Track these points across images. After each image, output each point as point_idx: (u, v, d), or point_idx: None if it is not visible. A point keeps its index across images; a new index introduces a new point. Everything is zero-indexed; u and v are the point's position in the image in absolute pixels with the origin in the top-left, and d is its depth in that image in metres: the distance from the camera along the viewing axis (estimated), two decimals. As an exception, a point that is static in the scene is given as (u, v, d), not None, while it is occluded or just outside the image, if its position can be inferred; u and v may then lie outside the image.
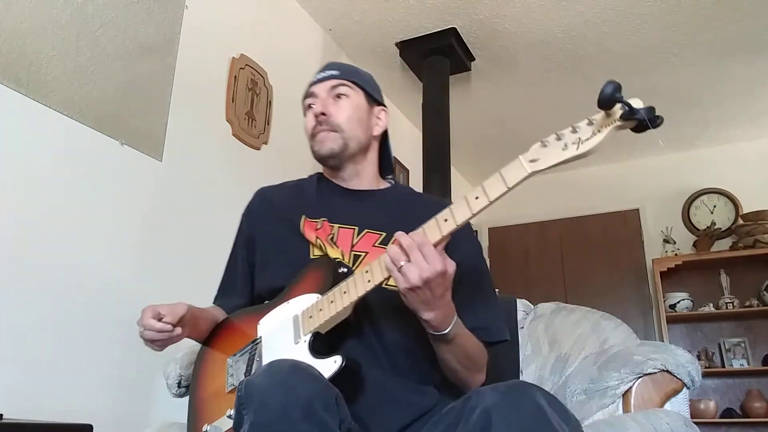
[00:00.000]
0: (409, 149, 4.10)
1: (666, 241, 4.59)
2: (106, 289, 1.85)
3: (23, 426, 1.27)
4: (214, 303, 1.30)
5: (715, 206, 4.60)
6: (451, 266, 0.92)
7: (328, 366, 0.93)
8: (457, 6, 3.15)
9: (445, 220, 0.91)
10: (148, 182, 2.07)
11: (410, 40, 3.43)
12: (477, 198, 0.89)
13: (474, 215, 0.89)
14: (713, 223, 4.50)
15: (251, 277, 1.26)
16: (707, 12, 3.14)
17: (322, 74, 1.25)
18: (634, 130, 0.80)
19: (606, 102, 0.78)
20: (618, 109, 0.78)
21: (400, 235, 0.92)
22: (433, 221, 0.93)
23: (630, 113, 0.77)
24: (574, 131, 0.83)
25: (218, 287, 1.32)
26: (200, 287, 1.36)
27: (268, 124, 2.77)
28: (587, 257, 4.92)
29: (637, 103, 0.78)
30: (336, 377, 0.91)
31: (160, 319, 1.05)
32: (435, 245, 0.91)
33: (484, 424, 0.76)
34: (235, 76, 2.58)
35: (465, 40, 3.42)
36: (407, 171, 4.13)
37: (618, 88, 0.77)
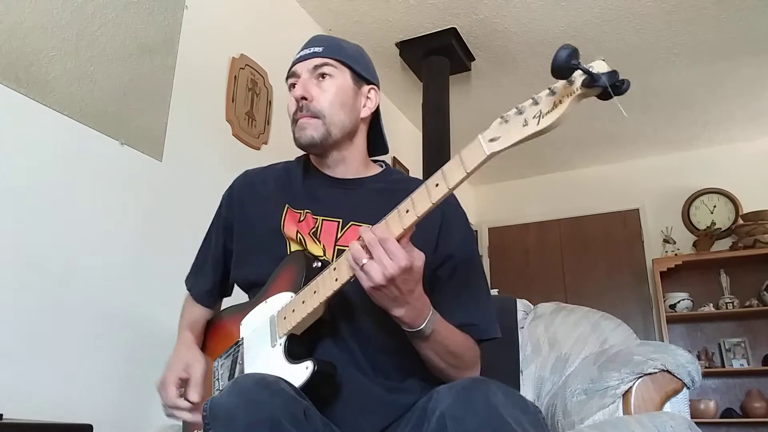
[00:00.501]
0: (409, 149, 4.10)
1: (666, 241, 4.58)
2: (105, 288, 1.85)
3: (23, 426, 1.27)
4: (185, 282, 1.28)
5: (715, 206, 4.60)
6: (418, 259, 0.87)
7: (300, 372, 0.89)
8: (457, 6, 3.15)
9: (407, 212, 0.85)
10: (148, 182, 2.07)
11: (410, 40, 3.43)
12: (437, 185, 0.82)
13: (435, 204, 0.83)
14: (713, 223, 4.50)
15: (223, 261, 1.23)
16: (707, 12, 3.14)
17: (305, 51, 1.16)
18: (600, 97, 0.71)
19: (560, 70, 0.69)
20: (579, 76, 0.70)
21: (363, 230, 0.86)
22: (395, 212, 0.87)
23: (591, 80, 0.68)
24: (535, 103, 0.75)
25: (191, 265, 1.29)
26: (200, 287, 1.35)
27: (268, 124, 2.77)
28: (587, 257, 4.92)
29: (600, 67, 0.69)
30: (309, 383, 0.88)
31: (183, 386, 1.03)
32: (399, 238, 0.85)
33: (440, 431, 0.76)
34: (235, 76, 2.58)
35: (465, 40, 3.42)
36: (407, 171, 4.13)
37: (573, 53, 0.68)
